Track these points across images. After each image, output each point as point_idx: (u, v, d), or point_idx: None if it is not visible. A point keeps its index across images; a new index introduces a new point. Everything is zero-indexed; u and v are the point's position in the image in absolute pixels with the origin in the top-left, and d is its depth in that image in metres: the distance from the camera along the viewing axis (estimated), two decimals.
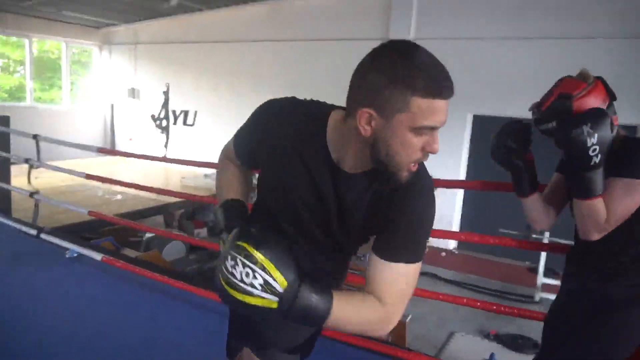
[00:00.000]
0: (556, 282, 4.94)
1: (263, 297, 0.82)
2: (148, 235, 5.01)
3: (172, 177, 7.84)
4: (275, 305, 0.83)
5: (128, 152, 6.40)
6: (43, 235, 3.38)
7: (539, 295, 4.82)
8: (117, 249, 4.07)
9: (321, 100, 1.12)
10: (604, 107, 1.28)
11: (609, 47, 5.36)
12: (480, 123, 6.33)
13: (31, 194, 3.52)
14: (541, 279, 4.86)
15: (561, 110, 1.27)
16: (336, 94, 5.90)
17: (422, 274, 3.99)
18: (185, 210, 6.72)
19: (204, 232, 6.57)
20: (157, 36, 9.45)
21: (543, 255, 4.84)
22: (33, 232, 3.42)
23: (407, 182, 0.91)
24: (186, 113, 9.17)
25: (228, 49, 8.56)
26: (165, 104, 9.42)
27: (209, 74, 8.85)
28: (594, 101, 1.27)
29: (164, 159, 6.46)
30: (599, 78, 1.31)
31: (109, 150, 8.62)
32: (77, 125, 9.64)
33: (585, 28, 5.47)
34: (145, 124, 9.66)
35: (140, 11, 8.73)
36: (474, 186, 3.80)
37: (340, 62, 7.31)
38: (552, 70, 6.08)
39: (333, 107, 1.05)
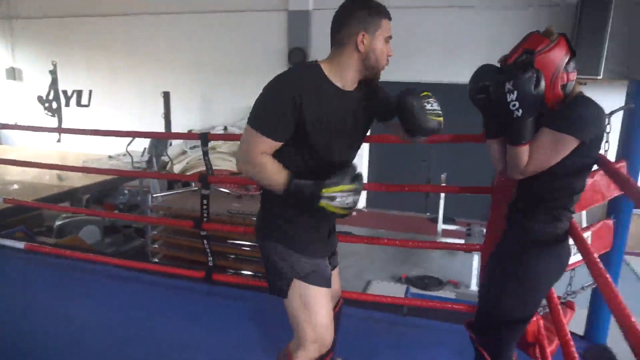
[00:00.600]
0: (453, 227, 5.61)
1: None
2: (58, 222, 4.78)
3: (72, 162, 7.38)
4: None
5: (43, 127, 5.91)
6: None
7: (440, 239, 5.42)
8: (31, 237, 3.88)
9: (225, 69, 1.42)
10: (565, 61, 1.37)
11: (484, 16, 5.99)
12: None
13: None
14: (441, 226, 5.46)
15: (524, 64, 1.36)
16: (238, 67, 6.17)
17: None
18: (92, 195, 6.44)
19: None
20: (37, 10, 8.62)
21: (441, 205, 5.43)
22: None
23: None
24: (79, 93, 8.58)
25: (122, 23, 8.09)
26: (54, 84, 8.71)
27: (102, 50, 8.31)
28: (555, 56, 1.35)
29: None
30: (562, 35, 1.39)
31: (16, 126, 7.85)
32: None
33: None
34: (31, 107, 8.87)
35: None
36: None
37: (242, 34, 7.34)
38: (440, 37, 6.62)
39: (312, 63, 1.44)
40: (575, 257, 1.87)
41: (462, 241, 4.96)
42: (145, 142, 6.04)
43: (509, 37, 6.27)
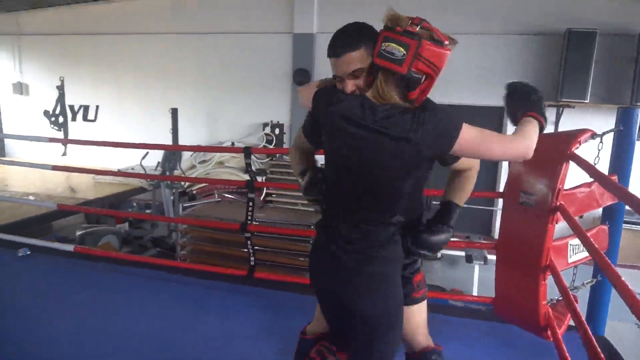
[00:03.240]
0: (453, 239, 5.93)
1: None
2: (79, 232, 4.99)
3: (81, 178, 7.57)
4: None
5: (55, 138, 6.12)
6: None
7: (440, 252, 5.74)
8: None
9: (231, 88, 1.72)
10: None
11: (480, 42, 6.43)
12: None
13: None
14: None
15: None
16: (245, 85, 6.62)
17: None
18: (104, 207, 6.65)
19: (124, 226, 6.56)
20: (44, 27, 8.88)
21: None
22: None
23: None
24: (86, 108, 8.80)
25: (130, 41, 8.37)
26: (61, 99, 8.93)
27: (109, 67, 8.58)
28: None
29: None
30: None
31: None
32: None
33: (457, 26, 6.46)
34: (38, 122, 9.06)
35: (23, 0, 8.15)
36: None
37: (247, 55, 7.69)
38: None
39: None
40: (577, 256, 2.20)
41: (462, 253, 5.27)
42: (157, 157, 6.29)
43: (499, 62, 6.66)
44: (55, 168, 3.47)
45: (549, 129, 6.16)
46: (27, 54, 9.15)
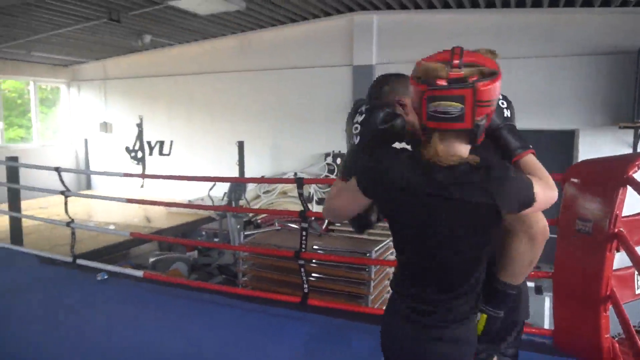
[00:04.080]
0: None
1: None
2: (152, 259, 5.34)
3: (156, 208, 8.09)
4: None
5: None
6: (78, 261, 3.74)
7: None
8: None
9: (294, 120, 1.66)
10: None
11: (546, 65, 6.23)
12: None
13: (67, 224, 3.84)
14: None
15: None
16: (306, 117, 6.86)
17: None
18: (175, 235, 7.05)
19: (194, 254, 6.91)
20: (126, 71, 9.77)
21: None
22: (69, 259, 3.77)
23: None
24: (162, 143, 9.47)
25: (200, 80, 8.99)
26: (140, 136, 9.69)
27: (181, 105, 9.23)
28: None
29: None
30: None
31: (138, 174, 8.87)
32: (49, 162, 9.66)
33: (520, 49, 6.30)
34: (119, 157, 9.87)
35: (109, 49, 9.04)
36: None
37: (309, 88, 7.97)
38: (502, 86, 6.95)
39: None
40: None
41: (531, 284, 5.01)
42: (224, 188, 6.62)
43: (569, 84, 6.38)
44: (129, 201, 3.78)
45: (626, 150, 5.78)
46: (112, 96, 10.08)
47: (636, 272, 2.05)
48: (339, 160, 7.60)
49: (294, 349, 2.67)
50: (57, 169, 3.91)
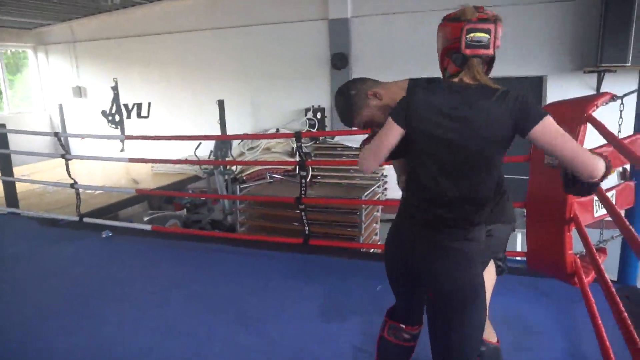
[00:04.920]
0: None
1: None
2: (146, 218, 5.53)
3: (141, 169, 8.19)
4: None
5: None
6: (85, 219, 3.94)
7: None
8: None
9: (273, 76, 1.95)
10: None
11: (516, 12, 6.43)
12: None
13: (71, 185, 3.99)
14: None
15: None
16: (285, 74, 7.05)
17: None
18: (162, 196, 7.23)
19: (183, 212, 7.12)
20: (96, 33, 9.52)
21: None
22: (75, 218, 3.95)
23: None
24: (139, 105, 9.42)
25: (174, 40, 8.87)
26: (116, 99, 9.59)
27: (157, 65, 9.12)
28: None
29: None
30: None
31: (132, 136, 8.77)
32: (24, 129, 9.54)
33: None
34: (96, 121, 9.78)
35: (76, 9, 8.77)
36: None
37: (285, 44, 8.00)
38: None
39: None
40: (603, 210, 2.40)
41: None
42: (208, 147, 6.76)
43: (536, 31, 6.66)
44: (131, 160, 3.94)
45: (590, 93, 6.14)
46: (83, 59, 9.85)
47: (595, 199, 2.39)
48: (319, 115, 7.77)
49: (300, 286, 2.98)
50: (57, 134, 4.02)
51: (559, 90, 6.36)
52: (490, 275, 1.72)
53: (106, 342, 2.44)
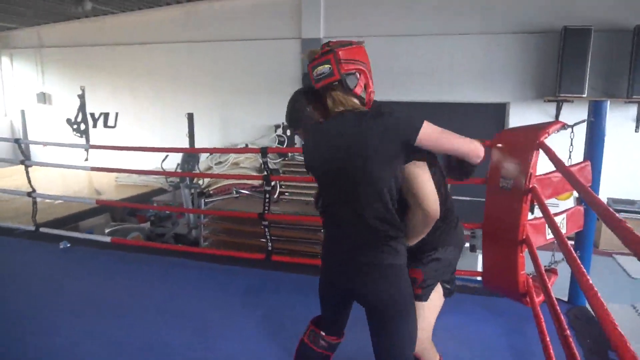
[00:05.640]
0: None
1: None
2: (108, 229, 5.40)
3: (104, 179, 8.00)
4: None
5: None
6: (42, 229, 3.80)
7: None
8: None
9: (243, 92, 2.00)
10: None
11: (481, 41, 6.70)
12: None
13: (29, 194, 3.86)
14: None
15: None
16: (256, 90, 7.12)
17: None
18: (125, 208, 7.06)
19: (147, 225, 6.97)
20: (64, 39, 9.35)
21: None
22: (31, 227, 3.81)
23: None
24: (106, 115, 9.24)
25: (144, 51, 8.79)
26: (82, 107, 9.39)
27: (126, 75, 9.00)
28: None
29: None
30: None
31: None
32: None
33: (459, 26, 6.74)
34: (60, 129, 9.53)
35: (44, 14, 8.61)
36: None
37: (258, 60, 8.06)
38: (440, 61, 7.29)
39: None
40: (550, 235, 2.51)
41: (467, 244, 5.57)
42: (175, 160, 6.68)
43: (501, 60, 6.95)
44: (93, 169, 3.86)
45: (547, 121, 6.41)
46: (49, 66, 9.63)
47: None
48: (288, 132, 7.81)
49: (260, 301, 2.96)
50: (17, 140, 3.91)
51: (520, 116, 6.62)
52: (437, 296, 1.75)
53: (57, 356, 2.36)
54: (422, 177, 1.47)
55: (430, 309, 1.72)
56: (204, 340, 2.50)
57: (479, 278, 3.52)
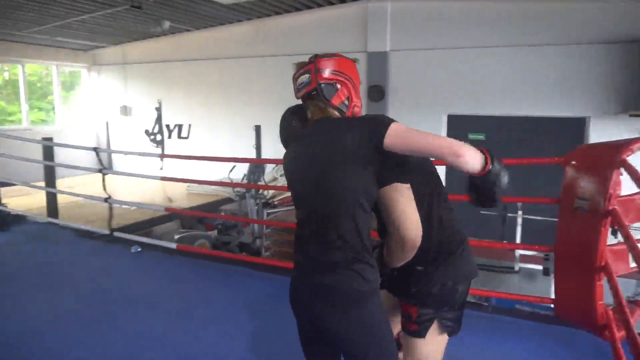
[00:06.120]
0: (531, 253, 5.84)
1: None
2: (177, 236, 5.64)
3: (177, 188, 8.40)
4: None
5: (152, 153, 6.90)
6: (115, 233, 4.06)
7: (518, 264, 5.68)
8: None
9: None
10: None
11: (559, 52, 6.34)
12: (454, 121, 7.23)
13: (105, 199, 4.14)
14: (518, 251, 5.73)
15: None
16: None
17: None
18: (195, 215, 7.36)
19: (214, 233, 7.21)
20: (145, 56, 10.02)
21: (519, 231, 5.71)
22: (107, 231, 4.09)
23: None
24: (180, 127, 9.75)
25: (217, 66, 9.21)
26: (159, 119, 9.98)
27: (200, 89, 9.47)
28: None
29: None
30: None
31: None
32: (71, 144, 10.02)
33: (534, 37, 6.42)
34: (139, 139, 10.17)
35: (128, 33, 9.27)
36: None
37: None
38: (515, 74, 6.98)
39: None
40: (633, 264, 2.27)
41: (539, 267, 5.23)
42: (243, 170, 6.88)
43: (581, 72, 6.52)
44: (164, 179, 4.06)
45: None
46: (131, 80, 10.35)
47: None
48: None
49: None
50: (96, 149, 4.20)
51: (601, 132, 6.16)
52: (438, 330, 1.57)
53: (128, 349, 2.47)
54: (402, 204, 1.38)
55: (432, 344, 1.56)
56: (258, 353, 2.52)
57: (552, 305, 3.28)
